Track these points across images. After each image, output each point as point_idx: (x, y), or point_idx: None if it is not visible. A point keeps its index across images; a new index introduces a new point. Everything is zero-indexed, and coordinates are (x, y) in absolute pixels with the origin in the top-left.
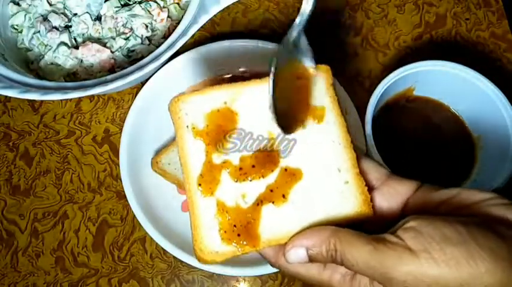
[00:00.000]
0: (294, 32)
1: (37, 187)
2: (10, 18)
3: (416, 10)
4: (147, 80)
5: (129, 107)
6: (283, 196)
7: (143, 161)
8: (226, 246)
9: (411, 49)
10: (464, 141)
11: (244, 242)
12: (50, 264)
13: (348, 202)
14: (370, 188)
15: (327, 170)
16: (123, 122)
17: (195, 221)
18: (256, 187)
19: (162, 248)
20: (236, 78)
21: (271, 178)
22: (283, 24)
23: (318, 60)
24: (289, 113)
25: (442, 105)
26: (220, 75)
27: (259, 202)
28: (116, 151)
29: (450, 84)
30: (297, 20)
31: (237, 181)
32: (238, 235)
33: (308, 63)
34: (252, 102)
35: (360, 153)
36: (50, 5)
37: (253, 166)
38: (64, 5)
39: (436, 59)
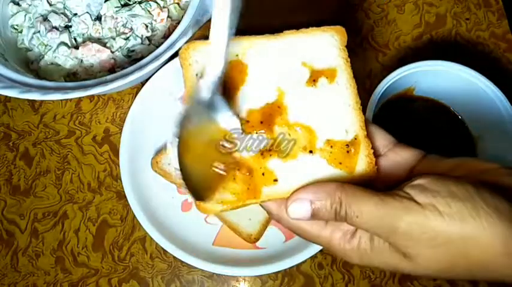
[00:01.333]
0: (203, 93)
1: (37, 187)
2: (10, 18)
3: (417, 10)
4: (147, 80)
5: (129, 107)
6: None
7: (143, 161)
8: (228, 194)
9: (411, 49)
10: (464, 141)
11: (245, 192)
12: (50, 264)
13: None
14: (377, 154)
15: (334, 129)
16: (123, 122)
17: None
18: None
19: (162, 248)
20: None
21: (278, 132)
22: (283, 24)
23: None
24: (206, 180)
25: (442, 105)
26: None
27: (264, 153)
28: (116, 151)
29: (450, 84)
30: (207, 80)
31: (243, 133)
32: (241, 182)
33: (225, 125)
34: (263, 56)
35: (368, 120)
36: (50, 5)
37: (262, 122)
38: (64, 5)
39: (436, 59)
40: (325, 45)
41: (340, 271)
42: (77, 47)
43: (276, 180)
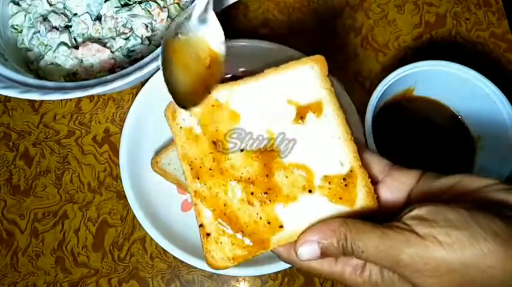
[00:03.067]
0: (199, 5)
1: (37, 187)
2: (10, 18)
3: (416, 10)
4: (147, 80)
5: (129, 107)
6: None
7: (143, 161)
8: (238, 250)
9: (411, 49)
10: (464, 141)
11: (255, 245)
12: (50, 264)
13: None
14: (374, 181)
15: (329, 164)
16: (123, 122)
17: (204, 229)
18: (262, 188)
19: (162, 248)
20: (236, 78)
21: (277, 177)
22: (283, 24)
23: (313, 53)
24: (188, 89)
25: (442, 105)
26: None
27: (267, 202)
28: (116, 151)
29: (450, 84)
30: None
31: (243, 187)
32: (248, 238)
33: (215, 47)
34: (248, 101)
35: (361, 146)
36: (50, 5)
37: (256, 179)
38: (64, 5)
39: (436, 59)
40: (306, 78)
41: None
42: (77, 47)
43: (281, 226)
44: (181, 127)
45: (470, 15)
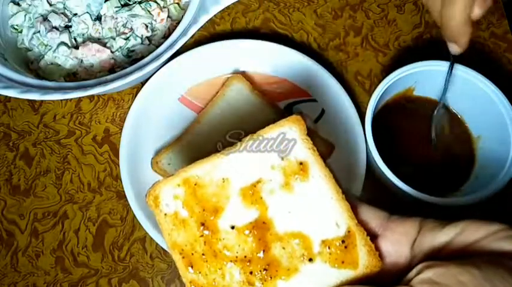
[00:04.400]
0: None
1: (37, 187)
2: (10, 18)
3: (416, 10)
4: (147, 80)
5: (129, 107)
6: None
7: (143, 161)
8: None
9: (411, 49)
10: (464, 141)
11: None
12: (50, 264)
13: None
14: (373, 237)
15: (325, 227)
16: (123, 122)
17: None
18: (260, 264)
19: (162, 248)
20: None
21: (274, 250)
22: (283, 24)
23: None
24: None
25: (442, 105)
26: (220, 75)
27: (268, 280)
28: (116, 151)
29: (450, 84)
30: None
31: (240, 267)
32: None
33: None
34: (231, 174)
35: (355, 201)
36: (50, 5)
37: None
38: (64, 5)
39: (436, 59)
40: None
41: None
42: (77, 47)
43: None
44: (165, 214)
45: None
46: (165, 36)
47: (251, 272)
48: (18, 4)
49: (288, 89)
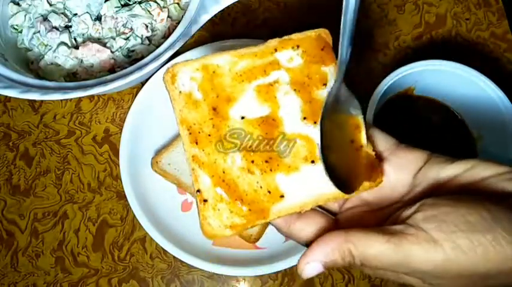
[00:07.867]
0: (333, 89)
1: (37, 187)
2: (10, 18)
3: (416, 10)
4: (147, 80)
5: (129, 107)
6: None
7: (143, 161)
8: (236, 219)
9: (411, 49)
10: (464, 141)
11: (254, 214)
12: (50, 264)
13: None
14: (380, 159)
15: None
16: (123, 122)
17: (202, 195)
18: (263, 156)
19: (162, 248)
20: None
21: (279, 146)
22: (283, 24)
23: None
24: (343, 170)
25: (442, 105)
26: None
27: (268, 171)
28: (116, 151)
29: (450, 84)
30: (336, 77)
31: (242, 154)
32: (247, 206)
33: (353, 111)
34: (252, 69)
35: (368, 123)
36: (50, 5)
37: (259, 142)
38: (64, 5)
39: (436, 59)
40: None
41: (340, 271)
42: (77, 47)
43: (282, 196)
44: (180, 91)
45: (470, 15)
46: (165, 36)
47: (253, 161)
48: (18, 4)
49: None
